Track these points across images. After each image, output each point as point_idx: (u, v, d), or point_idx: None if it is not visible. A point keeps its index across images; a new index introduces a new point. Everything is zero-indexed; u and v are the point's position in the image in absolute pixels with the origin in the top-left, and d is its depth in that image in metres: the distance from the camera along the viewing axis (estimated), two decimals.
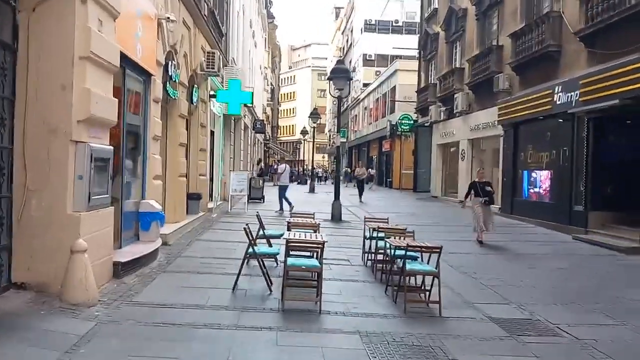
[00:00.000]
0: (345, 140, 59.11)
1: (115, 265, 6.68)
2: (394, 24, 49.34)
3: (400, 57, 39.44)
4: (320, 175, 38.09)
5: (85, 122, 5.79)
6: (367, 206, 20.52)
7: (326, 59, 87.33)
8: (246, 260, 7.04)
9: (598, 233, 12.63)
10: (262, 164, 36.92)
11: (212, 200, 15.84)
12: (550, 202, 15.17)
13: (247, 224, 7.10)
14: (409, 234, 7.93)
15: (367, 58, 49.85)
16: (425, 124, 27.43)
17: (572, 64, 14.00)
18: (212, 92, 15.73)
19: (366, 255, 9.11)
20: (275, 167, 45.05)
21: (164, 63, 9.93)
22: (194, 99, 13.48)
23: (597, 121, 13.01)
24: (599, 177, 13.07)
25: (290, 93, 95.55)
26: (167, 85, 10.47)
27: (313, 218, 9.59)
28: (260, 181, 20.82)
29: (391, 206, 20.59)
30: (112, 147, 6.55)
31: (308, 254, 7.11)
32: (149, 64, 8.74)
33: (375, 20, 49.10)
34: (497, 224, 16.24)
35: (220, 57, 14.58)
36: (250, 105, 23.61)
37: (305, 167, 57.32)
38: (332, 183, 40.60)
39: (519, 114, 16.58)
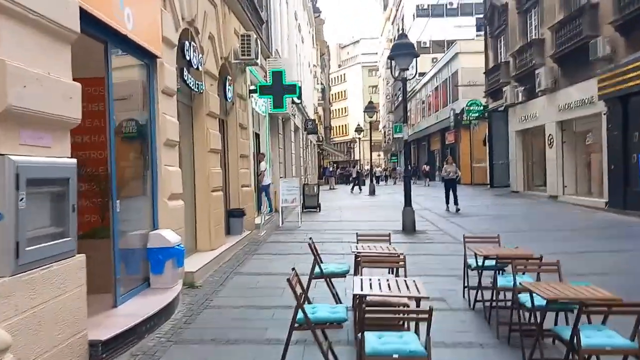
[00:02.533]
0: (401, 135, 56.20)
1: (92, 345, 4.24)
2: (448, 7, 45.71)
3: (455, 41, 35.98)
4: (379, 174, 35.19)
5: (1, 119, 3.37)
6: (438, 209, 17.56)
7: (376, 54, 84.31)
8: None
9: None
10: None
11: (260, 213, 13.43)
12: None
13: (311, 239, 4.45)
14: (549, 267, 5.05)
15: (422, 45, 46.43)
16: (499, 109, 24.05)
17: None
18: (252, 87, 13.34)
19: (469, 291, 6.33)
20: (331, 169, 42.66)
21: (176, 43, 7.52)
22: (229, 95, 11.09)
23: None
24: None
25: (341, 92, 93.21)
26: (186, 73, 8.07)
27: (390, 244, 6.81)
28: (315, 187, 18.28)
29: (467, 207, 17.50)
30: (73, 160, 4.12)
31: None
32: (150, 41, 6.31)
33: (428, 5, 45.67)
34: (609, 222, 13.08)
35: (259, 42, 12.14)
36: (299, 101, 21.15)
37: (361, 167, 54.62)
38: (394, 183, 37.92)
39: (630, 84, 13.21)
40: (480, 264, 6.09)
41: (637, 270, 7.83)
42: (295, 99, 18.92)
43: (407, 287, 4.18)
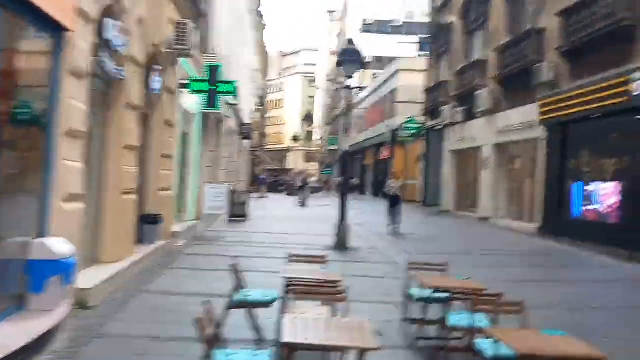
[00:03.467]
0: (336, 147, 55.95)
1: None
2: (394, 24, 46.02)
3: (396, 58, 36.03)
4: (315, 186, 34.48)
5: None
6: (372, 225, 16.95)
7: (315, 65, 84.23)
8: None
9: None
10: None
11: (180, 221, 12.17)
12: (619, 224, 11.70)
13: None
14: (512, 307, 4.29)
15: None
16: (436, 128, 23.99)
17: None
18: (184, 81, 12.15)
19: (409, 324, 5.55)
20: (264, 177, 41.53)
21: (95, 18, 6.32)
22: (156, 87, 9.85)
23: None
24: None
25: (279, 100, 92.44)
26: (104, 55, 6.85)
27: (326, 267, 5.89)
28: (244, 195, 17.16)
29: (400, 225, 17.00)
30: None
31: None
32: (60, 9, 5.13)
33: (374, 21, 45.79)
34: (544, 248, 12.90)
35: (196, 32, 10.98)
36: (235, 103, 20.01)
37: (294, 176, 53.78)
38: (327, 196, 37.27)
39: (571, 111, 13.16)
40: (425, 295, 5.32)
41: (584, 304, 7.37)
42: (231, 100, 17.78)
43: (351, 333, 3.29)
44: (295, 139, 38.81)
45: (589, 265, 10.67)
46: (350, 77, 11.64)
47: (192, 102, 13.49)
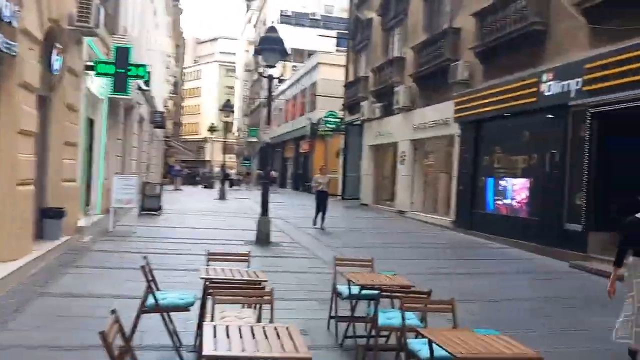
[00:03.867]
0: (256, 139, 55.21)
1: None
2: (311, 17, 45.93)
3: (316, 51, 35.96)
4: (234, 178, 33.66)
5: None
6: (289, 216, 16.74)
7: (234, 54, 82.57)
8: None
9: (605, 260, 9.75)
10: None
11: (87, 214, 11.25)
12: (529, 218, 12.28)
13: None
14: (443, 306, 4.18)
15: None
16: (355, 122, 24.16)
17: (566, 45, 11.16)
18: (89, 63, 11.20)
19: (337, 323, 5.34)
20: (178, 168, 40.04)
21: None
22: (56, 67, 8.95)
23: (603, 117, 10.18)
24: (604, 188, 10.28)
25: (195, 89, 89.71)
26: None
27: (249, 267, 5.53)
28: (158, 187, 16.29)
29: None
30: None
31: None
32: None
33: (292, 12, 45.45)
34: (459, 241, 13.32)
35: (101, 10, 10.10)
36: (147, 88, 18.92)
37: (211, 168, 52.34)
38: (247, 188, 36.60)
39: (484, 109, 13.62)
40: (353, 292, 5.14)
41: (500, 296, 7.56)
42: (143, 84, 16.77)
43: (280, 341, 2.99)
44: (213, 129, 37.66)
45: (502, 258, 11.07)
46: (271, 66, 11.25)
47: (99, 86, 12.51)
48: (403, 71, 19.18)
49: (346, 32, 28.62)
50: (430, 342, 3.41)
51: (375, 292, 5.02)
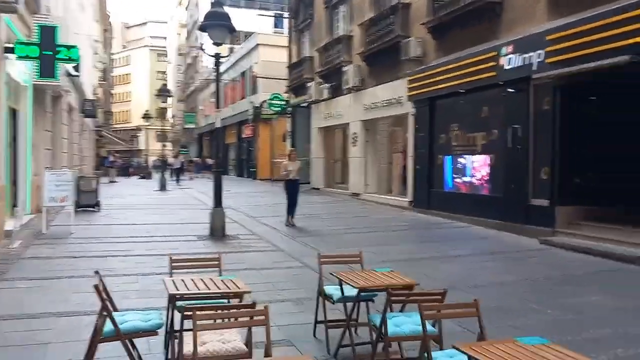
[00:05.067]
0: (194, 126, 53.21)
1: None
2: None
3: (254, 33, 34.64)
4: (176, 167, 32.04)
5: None
6: (239, 206, 15.86)
7: (165, 38, 79.25)
8: None
9: (575, 235, 9.67)
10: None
11: (15, 216, 9.93)
12: (491, 195, 12.04)
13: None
14: (468, 309, 3.56)
15: None
16: (302, 105, 23.37)
17: (524, 18, 10.87)
18: (8, 45, 9.81)
19: (327, 329, 4.66)
20: (112, 159, 37.83)
21: None
22: None
23: (566, 91, 9.96)
24: (570, 161, 10.11)
25: (125, 75, 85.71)
26: None
27: (220, 273, 4.72)
28: (94, 181, 14.92)
29: (276, 205, 16.16)
30: None
31: None
32: None
33: None
34: (417, 223, 12.92)
35: None
36: (76, 74, 17.28)
37: (147, 157, 49.96)
38: (191, 178, 34.93)
39: (439, 87, 13.24)
40: (347, 294, 4.48)
41: (487, 280, 7.13)
42: (72, 70, 15.22)
43: None
44: (147, 117, 35.70)
45: (470, 237, 10.77)
46: (219, 44, 10.27)
47: (22, 71, 11.09)
48: (351, 50, 18.54)
49: (284, 12, 27.60)
50: (469, 357, 2.79)
51: (372, 293, 4.41)
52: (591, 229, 9.56)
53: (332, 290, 4.69)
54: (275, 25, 39.51)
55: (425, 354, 3.23)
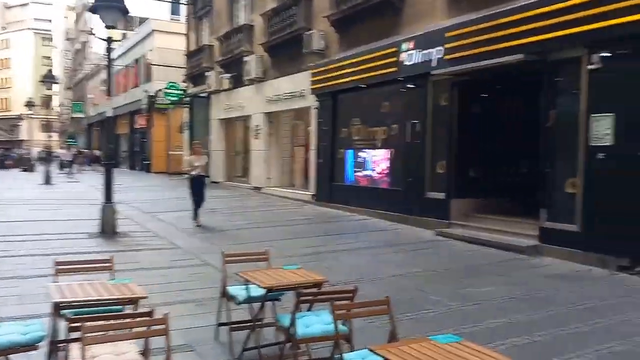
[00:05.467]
0: (83, 115, 49.78)
1: None
2: None
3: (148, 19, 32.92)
4: (64, 159, 29.57)
5: None
6: (132, 201, 14.99)
7: (51, 21, 73.30)
8: None
9: (468, 226, 10.13)
10: None
11: None
12: (390, 188, 12.30)
13: None
14: (378, 306, 3.46)
15: None
16: (201, 95, 22.55)
17: (425, 14, 11.15)
18: None
19: (229, 331, 4.40)
20: None
21: None
22: None
23: (463, 87, 10.37)
24: (465, 156, 10.56)
25: (4, 60, 78.44)
26: None
27: (113, 277, 4.27)
28: None
29: (174, 200, 15.44)
30: None
31: None
32: None
33: None
34: (318, 216, 12.92)
35: None
36: None
37: (29, 148, 45.93)
38: (80, 171, 32.42)
39: (342, 81, 13.30)
40: (253, 295, 4.23)
41: (386, 272, 7.18)
42: None
43: None
44: (30, 105, 32.71)
45: (369, 230, 10.92)
46: (111, 27, 9.50)
47: None
48: (252, 40, 18.14)
49: None
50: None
51: (278, 293, 4.20)
52: (483, 221, 10.06)
53: (236, 290, 4.43)
54: (173, 12, 37.86)
55: (339, 355, 3.08)
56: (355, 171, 13.58)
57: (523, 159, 10.62)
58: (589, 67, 7.82)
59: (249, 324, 4.23)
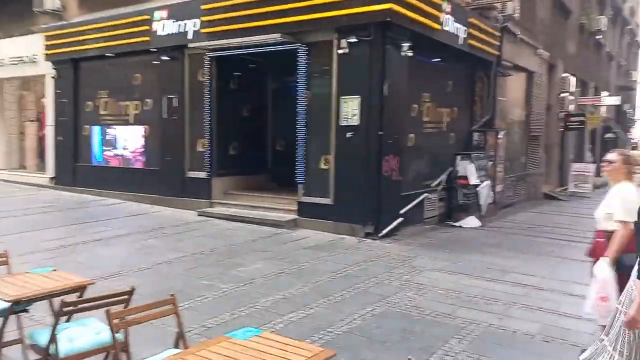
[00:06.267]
0: None
1: None
2: None
3: None
4: None
5: None
6: None
7: None
8: None
9: (231, 205, 10.10)
10: None
11: None
12: (146, 168, 11.47)
13: None
14: (165, 307, 3.00)
15: None
16: None
17: None
18: None
19: None
20: None
21: None
22: None
23: (222, 61, 10.10)
24: (225, 134, 10.42)
25: None
26: None
27: None
28: None
29: None
30: None
31: None
32: None
33: None
34: (62, 202, 11.38)
35: None
36: None
37: None
38: None
39: (85, 47, 11.82)
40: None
41: (153, 261, 6.60)
42: None
43: None
44: None
45: (126, 215, 10.01)
46: None
47: None
48: None
49: None
50: None
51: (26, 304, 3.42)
52: (245, 198, 10.14)
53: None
54: None
55: None
56: (104, 150, 12.28)
57: (281, 136, 10.99)
58: (339, 51, 8.40)
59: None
